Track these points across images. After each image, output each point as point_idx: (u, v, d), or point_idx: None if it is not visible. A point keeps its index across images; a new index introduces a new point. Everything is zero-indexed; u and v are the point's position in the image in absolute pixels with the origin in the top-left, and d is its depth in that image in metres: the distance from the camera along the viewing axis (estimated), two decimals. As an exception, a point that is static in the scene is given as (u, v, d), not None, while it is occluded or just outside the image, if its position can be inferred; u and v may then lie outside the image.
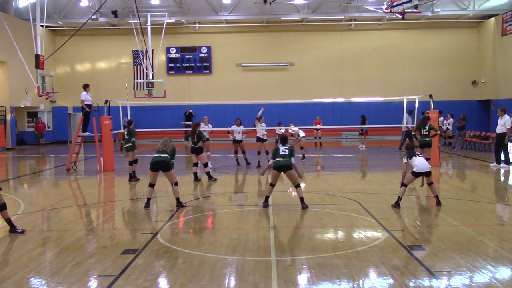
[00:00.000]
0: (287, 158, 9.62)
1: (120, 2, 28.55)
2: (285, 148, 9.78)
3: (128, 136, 14.28)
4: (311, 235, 7.90)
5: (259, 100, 27.41)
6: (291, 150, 9.79)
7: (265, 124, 17.84)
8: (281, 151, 9.72)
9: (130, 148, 14.25)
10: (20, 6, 28.81)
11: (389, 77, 30.11)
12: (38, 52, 16.87)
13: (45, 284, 5.80)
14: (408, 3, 23.95)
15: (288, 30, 31.54)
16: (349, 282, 5.72)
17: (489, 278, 5.82)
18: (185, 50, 31.78)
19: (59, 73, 31.13)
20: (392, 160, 18.77)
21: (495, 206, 10.38)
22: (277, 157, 9.70)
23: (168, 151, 9.99)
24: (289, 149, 9.76)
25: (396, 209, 9.57)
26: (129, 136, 14.26)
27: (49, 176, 16.79)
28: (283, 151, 9.72)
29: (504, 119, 15.92)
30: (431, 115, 16.47)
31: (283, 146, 9.87)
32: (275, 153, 9.83)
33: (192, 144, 14.00)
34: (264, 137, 17.01)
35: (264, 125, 17.60)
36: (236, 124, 17.26)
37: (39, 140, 29.62)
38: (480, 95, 31.27)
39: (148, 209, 9.96)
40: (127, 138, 14.29)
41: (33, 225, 8.88)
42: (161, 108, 30.48)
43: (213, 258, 6.64)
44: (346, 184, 13.28)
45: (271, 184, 9.92)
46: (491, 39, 29.80)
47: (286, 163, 9.61)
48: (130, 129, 14.35)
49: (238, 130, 17.09)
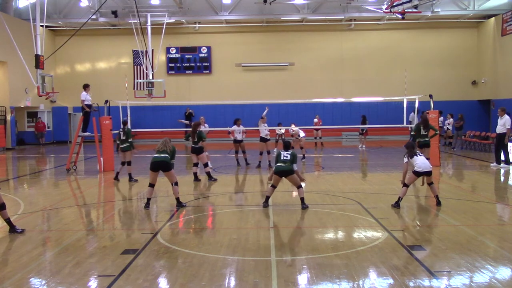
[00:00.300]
0: (288, 163, 9.65)
1: (120, 2, 28.55)
2: (287, 153, 9.79)
3: (124, 137, 14.30)
4: (311, 235, 7.90)
5: (259, 100, 27.46)
6: (294, 155, 9.78)
7: (266, 124, 17.85)
8: (282, 156, 9.76)
9: (128, 148, 14.28)
10: (20, 6, 28.82)
11: (389, 77, 30.11)
12: (38, 52, 16.87)
13: (45, 284, 5.80)
14: (408, 3, 23.95)
15: (288, 30, 31.55)
16: (349, 282, 5.72)
17: (489, 278, 5.82)
18: (185, 50, 31.79)
19: (59, 73, 31.13)
20: (392, 160, 18.76)
21: (495, 206, 10.39)
22: (279, 162, 9.74)
23: (168, 151, 9.98)
24: (291, 154, 9.77)
25: (396, 209, 9.57)
26: (126, 137, 14.29)
27: (49, 176, 16.79)
28: (285, 156, 9.74)
29: (504, 119, 15.95)
30: (431, 115, 16.49)
31: (285, 151, 9.88)
32: (277, 158, 9.89)
33: (192, 144, 14.03)
34: (267, 137, 17.07)
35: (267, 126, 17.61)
36: (236, 125, 17.28)
37: (39, 140, 29.64)
38: (480, 95, 31.26)
39: (148, 209, 9.96)
40: (123, 138, 14.32)
41: (33, 225, 8.87)
42: (161, 108, 30.49)
43: (213, 258, 6.64)
44: (346, 184, 13.28)
45: (273, 185, 9.95)
46: (491, 39, 29.79)
47: (287, 168, 9.62)
48: (126, 129, 14.38)
49: (238, 130, 17.13)
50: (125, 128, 14.41)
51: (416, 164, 9.60)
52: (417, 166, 9.60)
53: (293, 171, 9.68)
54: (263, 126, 17.36)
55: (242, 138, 17.17)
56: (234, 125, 17.40)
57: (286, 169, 9.61)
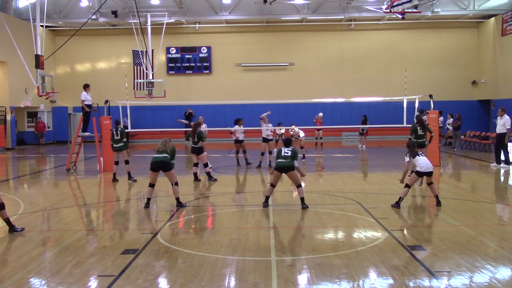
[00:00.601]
0: (289, 159, 9.69)
1: (120, 2, 28.54)
2: (287, 150, 9.85)
3: (119, 136, 14.32)
4: (311, 235, 7.90)
5: (259, 100, 27.46)
6: (294, 152, 9.83)
7: (271, 124, 17.87)
8: (283, 153, 9.82)
9: (123, 148, 14.31)
10: (20, 6, 28.80)
11: (389, 77, 30.10)
12: (38, 52, 16.86)
13: (45, 284, 5.80)
14: (408, 3, 23.95)
15: (288, 30, 31.54)
16: (349, 282, 5.72)
17: (489, 278, 5.82)
18: (185, 50, 31.78)
19: (59, 73, 31.12)
20: (392, 160, 18.76)
21: (495, 206, 10.39)
22: (279, 158, 9.79)
23: (168, 151, 9.98)
24: (292, 150, 9.82)
25: (396, 209, 9.57)
26: (120, 136, 14.31)
27: (49, 176, 16.79)
28: (286, 152, 9.80)
29: (504, 119, 15.99)
30: (431, 115, 16.50)
31: (286, 148, 9.94)
32: (278, 154, 9.96)
33: (192, 144, 14.03)
34: (269, 137, 17.10)
35: (270, 125, 17.63)
36: (238, 125, 17.30)
37: (39, 140, 29.63)
38: (480, 95, 31.26)
39: (148, 209, 9.97)
40: (117, 138, 14.33)
41: (33, 225, 8.87)
42: (161, 108, 30.48)
43: (213, 258, 6.64)
44: (346, 184, 13.28)
45: (272, 184, 9.98)
46: (491, 39, 29.79)
47: (287, 164, 9.67)
48: (120, 129, 14.40)
49: (240, 130, 17.16)
50: (119, 128, 14.43)
51: (418, 164, 9.59)
52: (419, 166, 9.59)
53: (293, 167, 9.72)
54: (266, 126, 17.35)
55: (243, 138, 17.21)
56: (236, 125, 17.42)
57: (286, 165, 9.65)
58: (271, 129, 17.56)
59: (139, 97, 26.34)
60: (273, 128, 17.65)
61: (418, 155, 9.73)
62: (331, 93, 29.24)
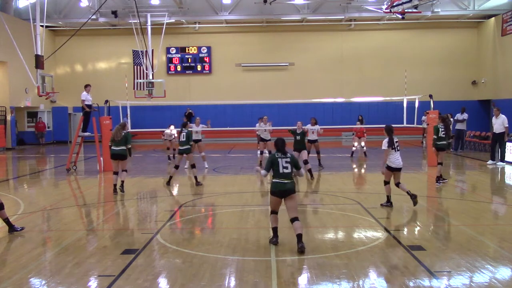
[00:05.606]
0: (290, 178, 7.11)
1: (120, 2, 28.53)
2: (286, 161, 7.12)
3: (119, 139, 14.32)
4: (311, 235, 7.89)
5: (259, 100, 27.46)
6: (294, 161, 7.28)
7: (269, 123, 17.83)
8: (281, 167, 7.07)
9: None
10: (20, 6, 28.80)
11: (389, 77, 30.09)
12: (38, 52, 16.86)
13: (45, 284, 5.80)
14: (408, 3, 23.96)
15: (288, 30, 31.53)
16: (349, 282, 5.72)
17: (489, 278, 5.81)
18: (185, 50, 31.78)
19: (59, 73, 31.12)
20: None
21: (495, 206, 10.38)
22: (276, 177, 7.10)
23: (123, 143, 11.71)
24: (292, 160, 7.22)
25: (395, 209, 9.54)
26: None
27: (49, 176, 16.79)
28: (284, 166, 7.08)
29: (501, 118, 16.45)
30: (431, 115, 16.51)
31: (283, 157, 7.17)
32: (271, 165, 7.17)
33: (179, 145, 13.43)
34: (266, 138, 17.07)
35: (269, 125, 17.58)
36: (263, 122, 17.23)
37: (39, 140, 29.63)
38: (480, 95, 31.25)
39: (116, 194, 11.56)
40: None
41: (33, 225, 8.87)
42: (161, 108, 30.46)
43: (213, 258, 6.64)
44: (346, 184, 13.28)
45: (273, 211, 7.32)
46: (491, 39, 29.78)
47: (291, 186, 7.08)
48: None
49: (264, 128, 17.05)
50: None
51: (390, 159, 9.45)
52: (390, 162, 9.45)
53: (295, 189, 7.21)
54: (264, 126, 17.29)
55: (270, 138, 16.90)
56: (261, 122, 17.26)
57: (289, 187, 7.06)
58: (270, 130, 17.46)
59: (139, 97, 26.33)
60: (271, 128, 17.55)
61: (394, 148, 9.51)
62: (331, 93, 29.23)
